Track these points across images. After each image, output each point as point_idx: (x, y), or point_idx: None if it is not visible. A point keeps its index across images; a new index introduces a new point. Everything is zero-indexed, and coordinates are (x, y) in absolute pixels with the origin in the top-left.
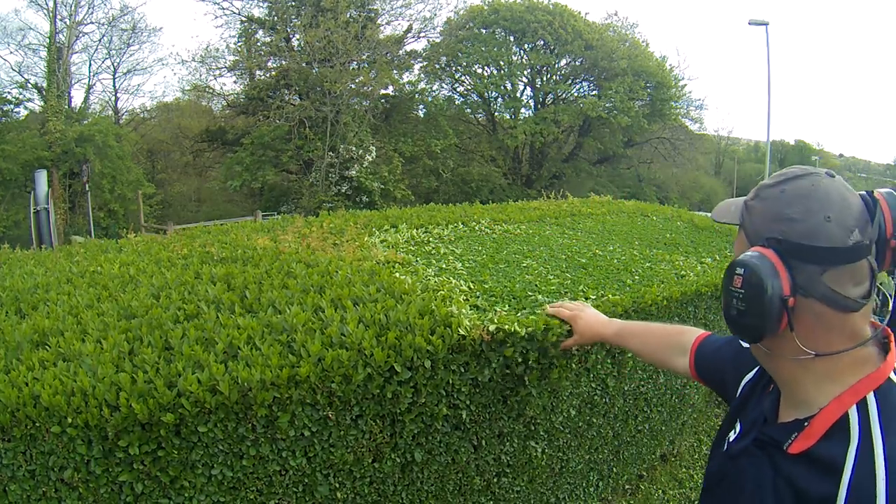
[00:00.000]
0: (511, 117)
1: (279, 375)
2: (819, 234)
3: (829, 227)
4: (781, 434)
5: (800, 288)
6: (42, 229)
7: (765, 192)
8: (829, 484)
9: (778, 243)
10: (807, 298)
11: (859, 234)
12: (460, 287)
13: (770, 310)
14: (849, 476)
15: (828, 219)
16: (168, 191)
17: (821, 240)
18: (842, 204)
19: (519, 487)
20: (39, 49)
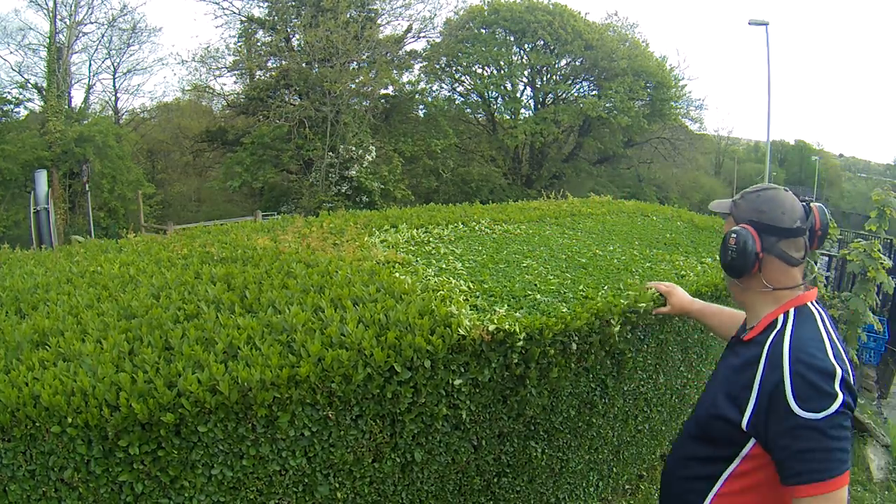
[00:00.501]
0: (511, 117)
1: (279, 375)
2: (778, 220)
3: (783, 217)
4: (741, 333)
5: (765, 248)
6: (42, 229)
7: (747, 196)
8: (759, 349)
9: (754, 223)
10: (769, 255)
11: (800, 223)
12: (460, 287)
13: (749, 258)
14: (769, 343)
15: (783, 213)
16: (168, 191)
17: (778, 223)
18: (791, 206)
19: (519, 487)
20: (39, 49)
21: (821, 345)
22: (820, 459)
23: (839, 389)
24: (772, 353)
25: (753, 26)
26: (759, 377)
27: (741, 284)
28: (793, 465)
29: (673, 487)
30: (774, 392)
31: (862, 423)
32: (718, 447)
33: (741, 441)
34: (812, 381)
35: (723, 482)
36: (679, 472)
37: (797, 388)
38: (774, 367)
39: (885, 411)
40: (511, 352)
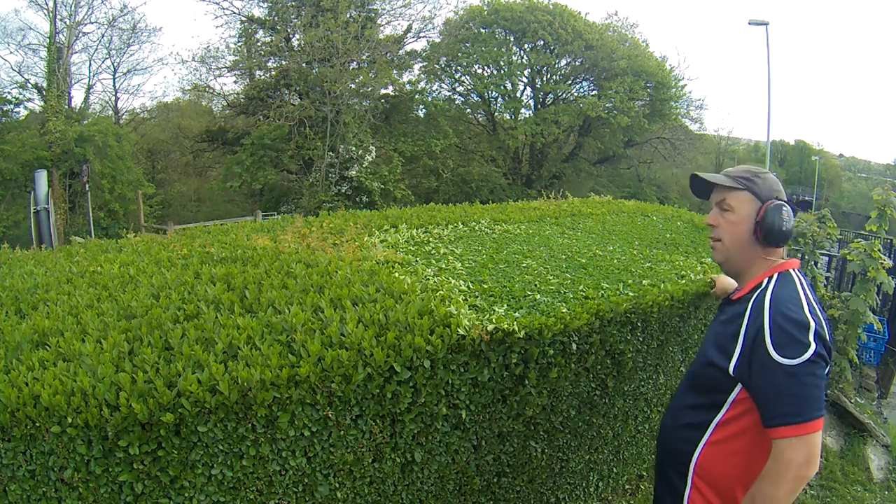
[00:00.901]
0: (511, 117)
1: (279, 375)
2: (782, 197)
3: (783, 194)
4: (730, 293)
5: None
6: (42, 229)
7: (763, 176)
8: (744, 307)
9: (779, 200)
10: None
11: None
12: (459, 287)
13: (790, 226)
14: (753, 299)
15: (782, 192)
16: (168, 191)
17: (786, 201)
18: (781, 188)
19: (519, 487)
20: (39, 49)
21: (798, 301)
22: (795, 403)
23: (812, 340)
24: (755, 305)
25: (753, 26)
26: (744, 326)
27: (762, 253)
28: (771, 408)
29: (668, 438)
30: (756, 338)
31: (862, 423)
32: (709, 394)
33: (729, 386)
34: (788, 329)
35: (713, 429)
36: (673, 422)
37: (775, 335)
38: (756, 316)
39: (885, 411)
40: (510, 352)
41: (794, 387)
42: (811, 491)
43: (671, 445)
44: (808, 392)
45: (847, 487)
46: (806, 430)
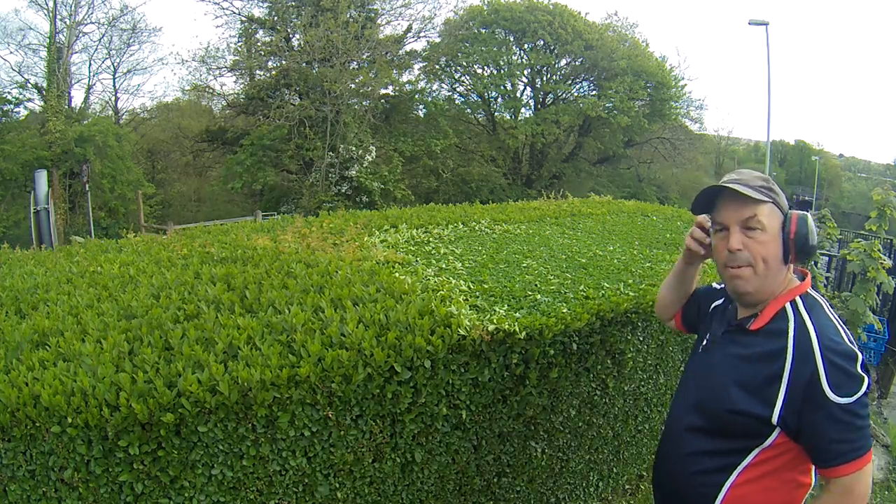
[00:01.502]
0: (511, 117)
1: (279, 375)
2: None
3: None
4: (744, 322)
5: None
6: (42, 229)
7: (775, 188)
8: (780, 342)
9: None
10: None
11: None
12: (460, 287)
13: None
14: (793, 335)
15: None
16: (168, 191)
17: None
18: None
19: (519, 487)
20: (39, 49)
21: (837, 330)
22: (857, 438)
23: (861, 370)
24: (799, 345)
25: (753, 26)
26: (788, 370)
27: (780, 271)
28: (833, 448)
29: (681, 485)
30: (809, 383)
31: None
32: (735, 440)
33: (765, 432)
34: (843, 367)
35: (740, 472)
36: (684, 468)
37: (832, 377)
38: (804, 359)
39: (885, 411)
40: (511, 352)
41: (854, 423)
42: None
43: (685, 492)
44: (865, 424)
45: None
46: (868, 460)
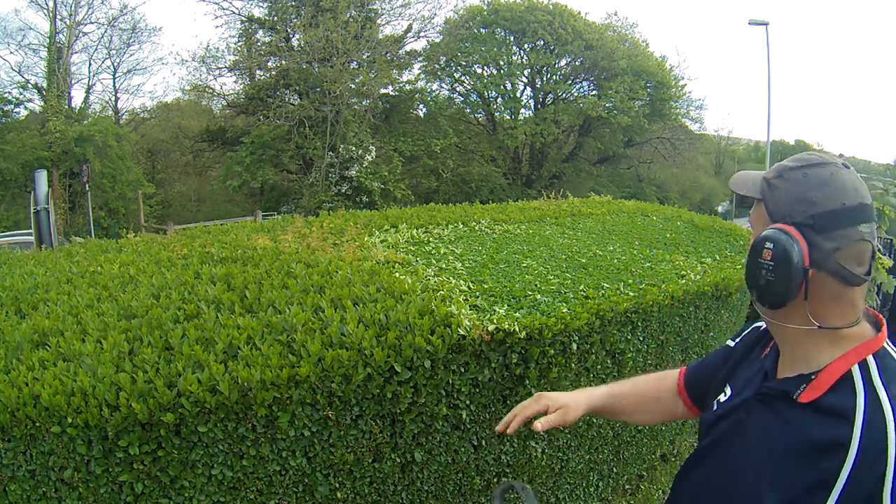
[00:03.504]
0: (511, 117)
1: (279, 375)
2: (841, 216)
3: (852, 210)
4: (789, 386)
5: (815, 262)
6: (42, 229)
7: (788, 174)
8: (842, 428)
9: (799, 224)
10: (820, 272)
11: (869, 223)
12: (460, 287)
13: (795, 277)
14: (861, 420)
15: (843, 205)
16: (168, 191)
17: (840, 222)
18: (854, 194)
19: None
20: (39, 49)
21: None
22: None
23: None
24: (868, 437)
25: (753, 26)
26: (847, 471)
27: (777, 321)
28: None
29: None
30: (874, 490)
31: None
32: None
33: None
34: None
35: None
36: None
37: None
38: (876, 458)
39: None
40: (511, 352)
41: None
42: None
43: None
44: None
45: None
46: None
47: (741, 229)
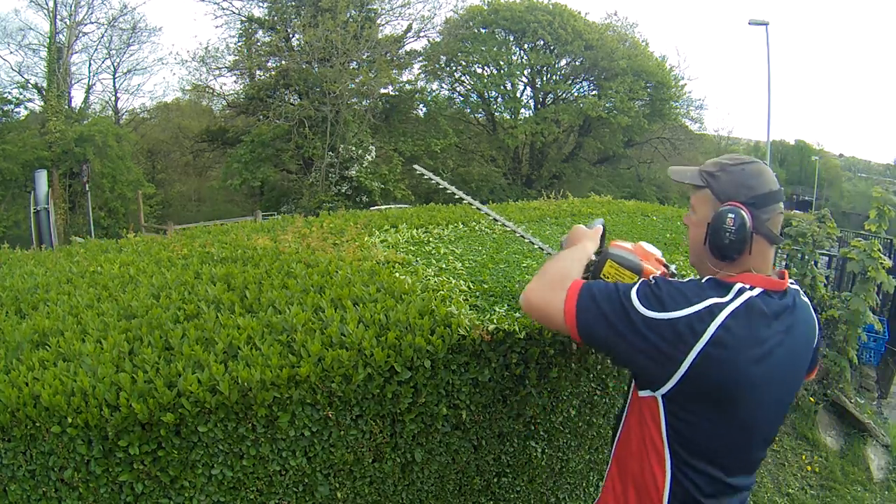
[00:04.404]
0: (511, 117)
1: (279, 375)
2: (769, 197)
3: (774, 193)
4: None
5: (756, 228)
6: (42, 229)
7: (730, 169)
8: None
9: (744, 201)
10: (758, 235)
11: (782, 200)
12: (460, 287)
13: (746, 239)
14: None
15: (770, 190)
16: (168, 191)
17: (770, 200)
18: (774, 180)
19: (519, 487)
20: (39, 49)
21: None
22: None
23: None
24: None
25: (753, 26)
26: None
27: (722, 269)
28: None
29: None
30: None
31: (862, 423)
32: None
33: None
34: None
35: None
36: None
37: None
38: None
39: (885, 411)
40: (511, 352)
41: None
42: (811, 491)
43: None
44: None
45: (847, 487)
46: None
47: None
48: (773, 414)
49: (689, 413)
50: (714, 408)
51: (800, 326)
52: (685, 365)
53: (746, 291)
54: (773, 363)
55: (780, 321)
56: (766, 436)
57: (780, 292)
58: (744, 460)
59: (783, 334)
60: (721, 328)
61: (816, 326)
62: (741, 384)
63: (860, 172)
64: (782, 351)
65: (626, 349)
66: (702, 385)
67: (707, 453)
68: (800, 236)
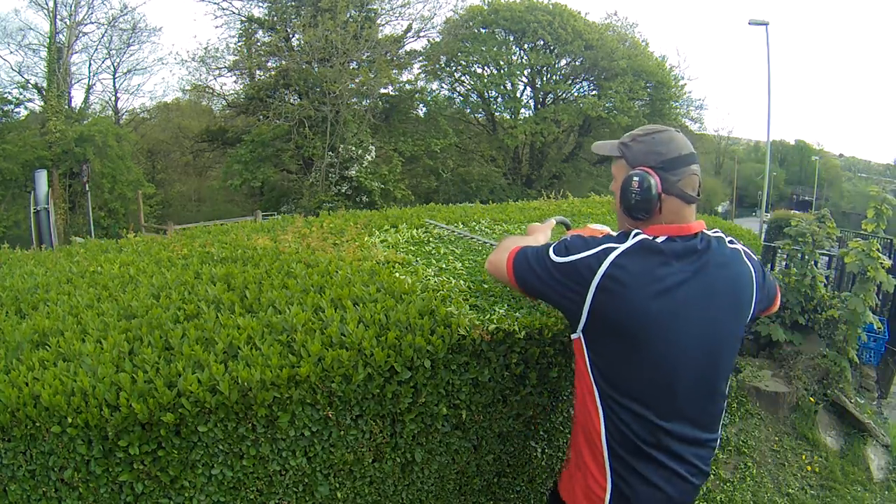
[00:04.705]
0: (511, 117)
1: (279, 375)
2: (679, 161)
3: (681, 157)
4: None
5: (665, 189)
6: (42, 229)
7: (641, 139)
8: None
9: (654, 166)
10: (668, 196)
11: (695, 163)
12: (460, 287)
13: (653, 199)
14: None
15: (680, 154)
16: (168, 191)
17: (678, 164)
18: (686, 145)
19: (519, 487)
20: (39, 49)
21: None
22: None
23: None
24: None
25: (753, 26)
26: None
27: (636, 227)
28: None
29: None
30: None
31: (862, 423)
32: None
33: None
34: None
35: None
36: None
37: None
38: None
39: (885, 411)
40: (511, 352)
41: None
42: (811, 491)
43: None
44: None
45: (847, 487)
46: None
47: (741, 229)
48: (698, 354)
49: (603, 347)
50: (622, 343)
51: (715, 268)
52: (588, 299)
53: (640, 235)
54: (678, 300)
55: (684, 261)
56: (697, 379)
57: (684, 237)
58: (674, 405)
59: (689, 273)
60: (613, 265)
61: (752, 267)
62: (641, 319)
63: (860, 172)
64: (689, 289)
65: (548, 291)
66: (606, 319)
67: (630, 392)
68: (800, 236)
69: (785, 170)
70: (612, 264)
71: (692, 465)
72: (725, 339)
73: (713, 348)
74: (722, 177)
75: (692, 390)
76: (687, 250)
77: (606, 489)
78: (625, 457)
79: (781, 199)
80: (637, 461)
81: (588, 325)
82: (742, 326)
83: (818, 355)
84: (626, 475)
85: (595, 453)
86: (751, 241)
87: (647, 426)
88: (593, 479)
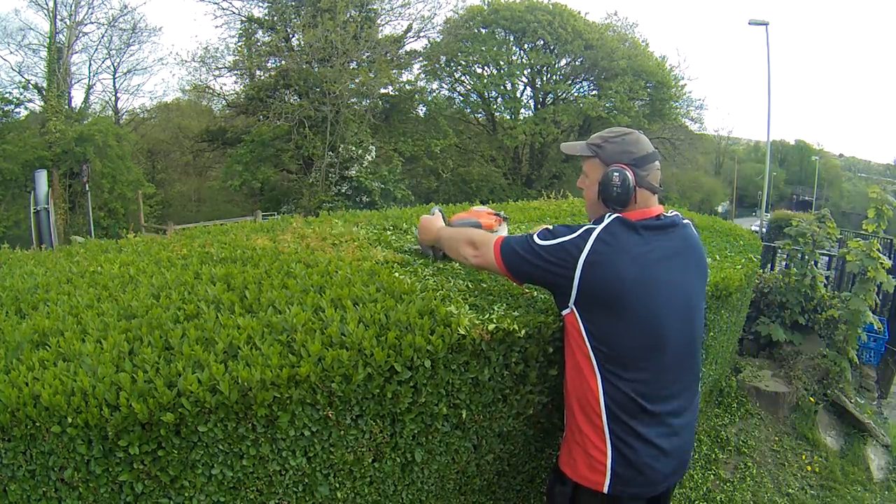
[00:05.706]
0: (511, 117)
1: (279, 375)
2: (647, 158)
3: (650, 154)
4: None
5: (638, 183)
6: (42, 229)
7: (612, 139)
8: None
9: (628, 163)
10: (640, 188)
11: (657, 160)
12: (459, 286)
13: (630, 191)
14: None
15: (647, 153)
16: (168, 191)
17: (647, 161)
18: (649, 145)
19: (519, 487)
20: (39, 49)
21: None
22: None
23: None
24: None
25: (753, 26)
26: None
27: (598, 208)
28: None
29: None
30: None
31: (862, 423)
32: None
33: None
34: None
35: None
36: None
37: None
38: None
39: (885, 411)
40: (511, 351)
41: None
42: (811, 491)
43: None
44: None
45: (847, 487)
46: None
47: (741, 229)
48: (679, 312)
49: (596, 316)
50: (611, 308)
51: (680, 239)
52: (577, 273)
53: (615, 215)
54: (656, 266)
55: (652, 233)
56: (680, 335)
57: (651, 217)
58: (663, 362)
59: (661, 243)
60: (597, 240)
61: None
62: (626, 284)
63: (860, 172)
64: (662, 256)
65: (540, 273)
66: (595, 289)
67: (624, 353)
68: (800, 236)
69: (785, 170)
70: (595, 240)
71: (683, 419)
72: (697, 298)
73: (689, 306)
74: (722, 177)
75: (677, 346)
76: (655, 226)
77: (607, 453)
78: (622, 417)
79: (781, 199)
80: (634, 421)
81: (579, 298)
82: (706, 286)
83: (818, 355)
84: (624, 436)
85: (593, 420)
86: (751, 242)
87: (641, 385)
88: (593, 445)
